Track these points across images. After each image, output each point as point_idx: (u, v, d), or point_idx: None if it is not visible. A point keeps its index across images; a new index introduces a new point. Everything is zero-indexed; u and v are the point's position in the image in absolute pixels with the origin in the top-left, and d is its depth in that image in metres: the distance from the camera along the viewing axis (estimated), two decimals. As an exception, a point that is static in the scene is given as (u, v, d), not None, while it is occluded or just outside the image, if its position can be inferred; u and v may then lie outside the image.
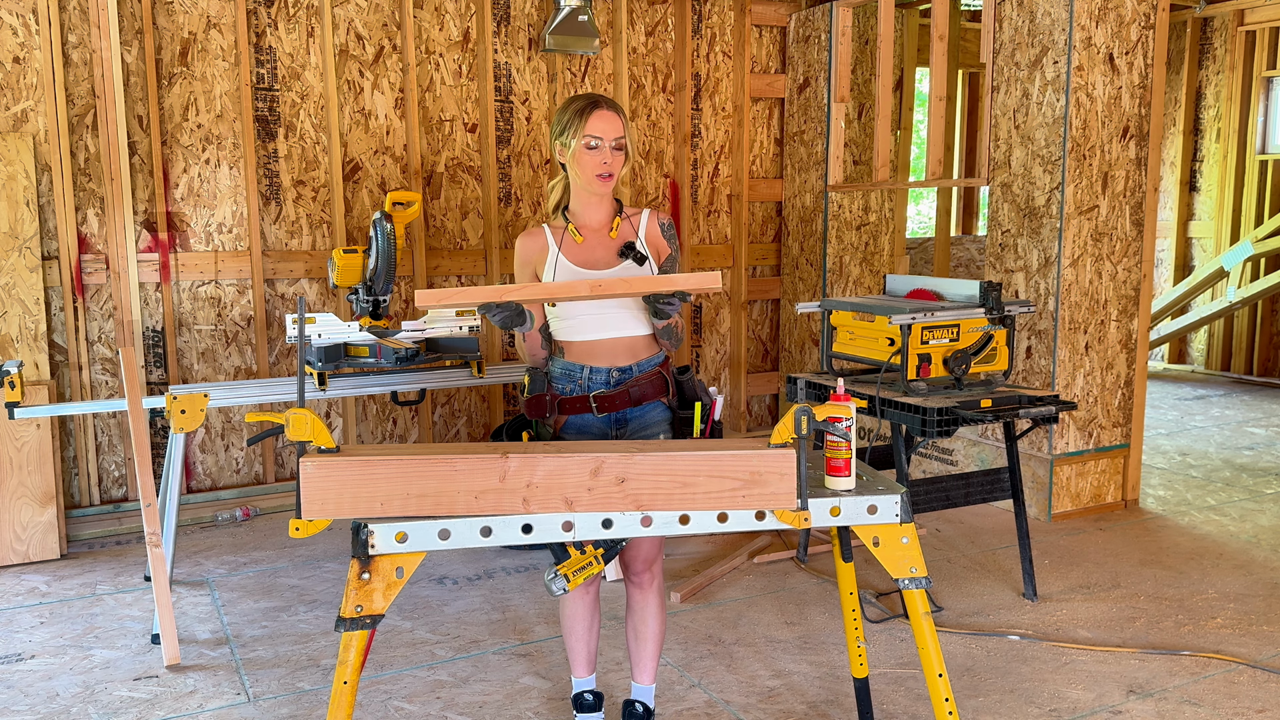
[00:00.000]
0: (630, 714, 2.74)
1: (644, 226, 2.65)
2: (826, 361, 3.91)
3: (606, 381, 2.56)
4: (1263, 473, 5.44)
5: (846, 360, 3.86)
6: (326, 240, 4.97)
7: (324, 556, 4.25)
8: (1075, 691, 3.04)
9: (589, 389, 2.56)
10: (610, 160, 2.51)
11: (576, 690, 2.78)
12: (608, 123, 2.50)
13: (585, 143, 2.49)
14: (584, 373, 2.56)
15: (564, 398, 2.56)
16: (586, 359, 2.57)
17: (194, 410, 3.51)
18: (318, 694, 3.05)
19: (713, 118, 5.85)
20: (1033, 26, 4.50)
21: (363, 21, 4.93)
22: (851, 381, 3.71)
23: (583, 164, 2.51)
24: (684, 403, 2.63)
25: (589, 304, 2.52)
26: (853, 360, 3.81)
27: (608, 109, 2.52)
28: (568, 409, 2.56)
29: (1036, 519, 4.60)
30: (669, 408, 2.64)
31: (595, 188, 2.53)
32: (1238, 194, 7.89)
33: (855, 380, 3.75)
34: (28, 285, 4.25)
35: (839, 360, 3.98)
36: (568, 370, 2.58)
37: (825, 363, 3.91)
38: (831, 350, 3.88)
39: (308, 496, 2.06)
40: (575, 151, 2.51)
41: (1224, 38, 7.85)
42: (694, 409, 2.60)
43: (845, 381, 3.47)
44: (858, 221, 5.74)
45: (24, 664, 3.26)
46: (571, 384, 2.57)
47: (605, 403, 2.55)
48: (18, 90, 4.34)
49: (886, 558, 2.29)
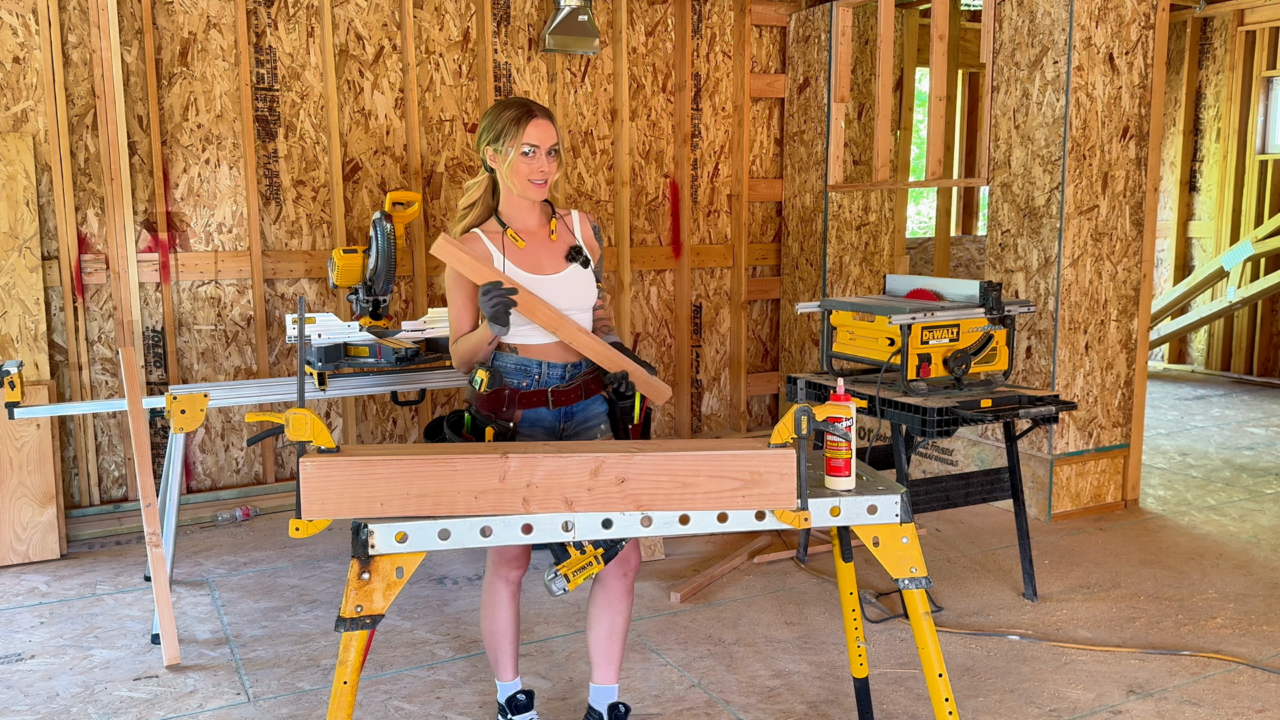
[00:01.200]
0: (615, 715, 2.73)
1: (578, 228, 2.78)
2: (826, 361, 3.91)
3: (561, 377, 2.64)
4: (1263, 473, 5.44)
5: (846, 360, 3.86)
6: (326, 240, 4.97)
7: (324, 556, 4.25)
8: (1075, 691, 3.04)
9: (545, 384, 2.63)
10: (546, 167, 2.59)
11: (509, 694, 2.78)
12: (543, 130, 2.57)
13: (521, 150, 2.56)
14: (541, 368, 2.63)
15: (522, 393, 2.62)
16: (542, 355, 2.64)
17: (194, 410, 3.51)
18: (318, 694, 3.05)
19: (713, 118, 5.85)
20: (1033, 26, 4.50)
21: (363, 21, 4.93)
22: (851, 381, 3.71)
23: (519, 171, 2.58)
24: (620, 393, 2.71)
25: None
26: (853, 360, 3.81)
27: (542, 117, 2.59)
28: (524, 403, 2.62)
29: (1036, 519, 4.60)
30: (607, 400, 2.73)
31: (531, 194, 2.62)
32: (1237, 194, 7.89)
33: (855, 380, 3.75)
34: (28, 285, 4.26)
35: (839, 360, 3.98)
36: (523, 366, 2.63)
37: (825, 363, 3.91)
38: (831, 350, 3.88)
39: (308, 496, 2.06)
40: (512, 160, 2.57)
41: (1224, 38, 7.85)
42: (632, 400, 2.70)
43: (845, 381, 3.47)
44: (858, 221, 5.74)
45: (24, 664, 3.26)
46: (529, 379, 2.63)
47: (560, 397, 2.63)
48: (18, 90, 4.34)
49: (886, 558, 2.29)
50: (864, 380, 3.74)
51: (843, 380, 2.83)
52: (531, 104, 2.60)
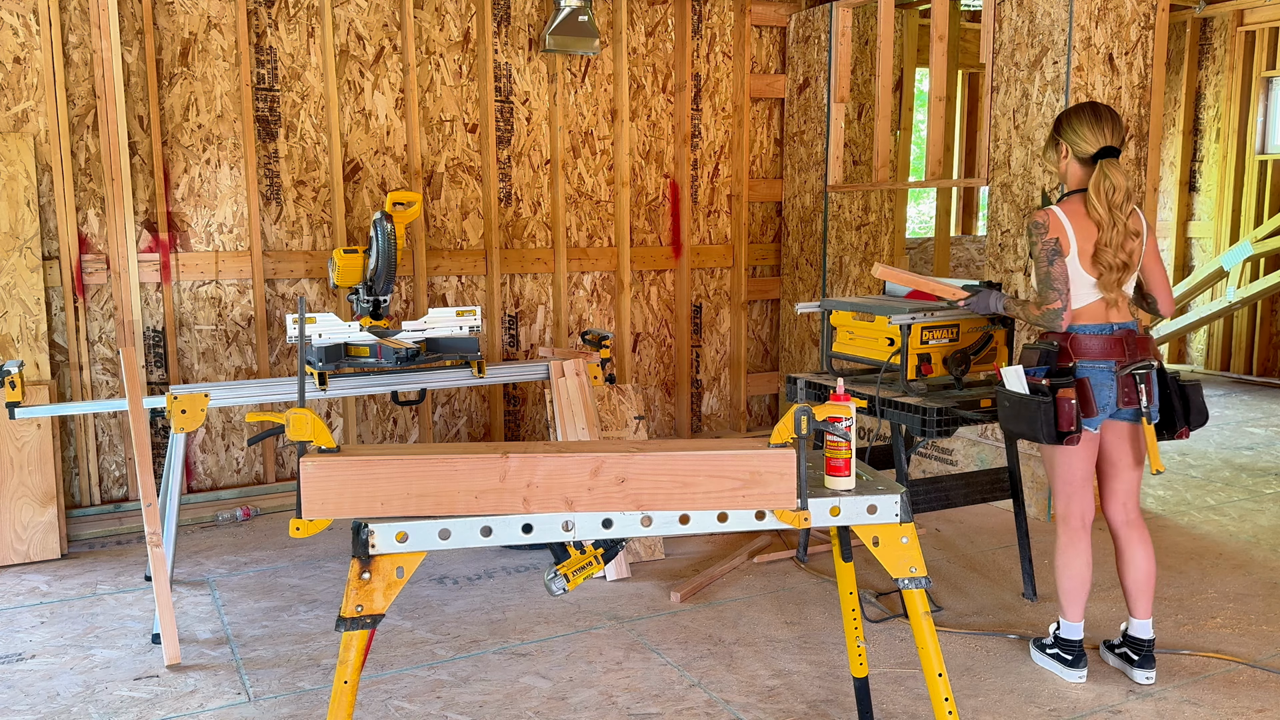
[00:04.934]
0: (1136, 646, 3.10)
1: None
2: (826, 361, 3.91)
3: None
4: (1262, 473, 5.44)
5: (846, 360, 3.87)
6: (327, 240, 4.97)
7: (324, 556, 4.25)
8: (1075, 691, 3.04)
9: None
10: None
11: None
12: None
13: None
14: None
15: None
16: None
17: (194, 410, 3.52)
18: (318, 693, 3.05)
19: (713, 118, 5.86)
20: (1032, 27, 4.50)
21: (363, 22, 4.94)
22: (851, 381, 3.71)
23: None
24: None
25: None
26: (853, 360, 3.82)
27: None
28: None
29: (1036, 519, 4.60)
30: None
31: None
32: (1237, 194, 7.89)
33: (855, 380, 3.75)
34: (28, 285, 4.26)
35: (839, 360, 3.98)
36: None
37: (825, 363, 3.92)
38: (831, 350, 3.88)
39: (308, 496, 2.06)
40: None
41: (1224, 38, 7.85)
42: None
43: (845, 381, 3.47)
44: (857, 221, 5.74)
45: (24, 664, 3.26)
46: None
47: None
48: (18, 90, 4.34)
49: (886, 557, 2.29)
50: (864, 380, 3.74)
51: (842, 380, 2.83)
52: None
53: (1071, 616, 3.11)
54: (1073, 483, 3.07)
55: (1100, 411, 2.94)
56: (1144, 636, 3.07)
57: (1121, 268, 2.93)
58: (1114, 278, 2.93)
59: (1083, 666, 3.10)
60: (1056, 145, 3.10)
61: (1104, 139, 2.97)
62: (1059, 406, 2.87)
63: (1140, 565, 3.07)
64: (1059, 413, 2.87)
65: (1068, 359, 2.95)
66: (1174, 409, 2.97)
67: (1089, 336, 2.95)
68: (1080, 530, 3.09)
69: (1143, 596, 3.07)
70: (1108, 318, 2.97)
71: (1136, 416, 2.95)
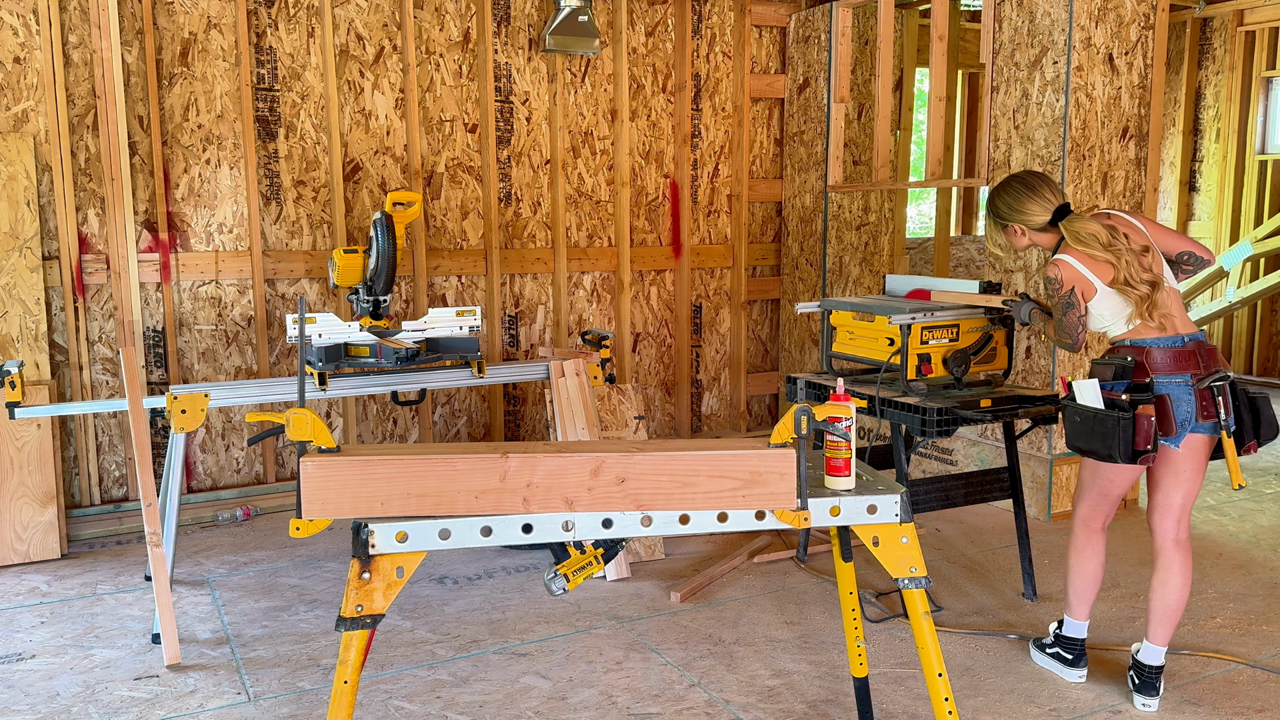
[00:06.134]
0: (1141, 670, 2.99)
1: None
2: (826, 361, 3.91)
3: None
4: (1262, 473, 5.44)
5: (846, 360, 3.87)
6: (327, 240, 4.97)
7: (324, 556, 4.25)
8: (1075, 691, 3.04)
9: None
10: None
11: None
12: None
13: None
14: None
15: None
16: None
17: (194, 410, 3.52)
18: (318, 693, 3.05)
19: (713, 118, 5.86)
20: (1032, 27, 4.50)
21: (363, 22, 4.94)
22: (851, 381, 3.71)
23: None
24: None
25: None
26: (853, 360, 3.82)
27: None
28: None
29: (1036, 519, 4.60)
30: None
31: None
32: (1237, 194, 7.89)
33: (855, 380, 3.75)
34: (28, 285, 4.26)
35: (839, 360, 3.98)
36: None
37: (825, 363, 3.92)
38: (831, 350, 3.88)
39: (308, 496, 2.06)
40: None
41: (1224, 38, 7.85)
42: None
43: (845, 381, 3.47)
44: (857, 221, 5.74)
45: (24, 663, 3.26)
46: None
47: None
48: (18, 90, 4.34)
49: (886, 557, 2.29)
50: (864, 380, 3.74)
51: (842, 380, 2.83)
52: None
53: (1078, 615, 3.10)
54: (1110, 495, 3.03)
55: (1180, 429, 2.84)
56: (1154, 663, 2.95)
57: (1150, 286, 2.86)
58: (1150, 297, 2.85)
59: (1083, 666, 3.10)
60: (1004, 228, 3.07)
61: (1050, 203, 2.97)
62: (1138, 424, 2.78)
63: (1176, 589, 2.93)
64: (1137, 430, 2.78)
65: (1144, 374, 2.85)
66: (1243, 422, 2.87)
67: (1163, 350, 2.85)
68: (1100, 533, 3.07)
69: (1168, 623, 2.94)
70: (1176, 329, 2.88)
71: (1215, 430, 2.86)
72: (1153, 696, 2.94)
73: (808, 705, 2.97)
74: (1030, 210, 2.99)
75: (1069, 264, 2.91)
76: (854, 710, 2.91)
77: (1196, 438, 2.90)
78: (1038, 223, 2.99)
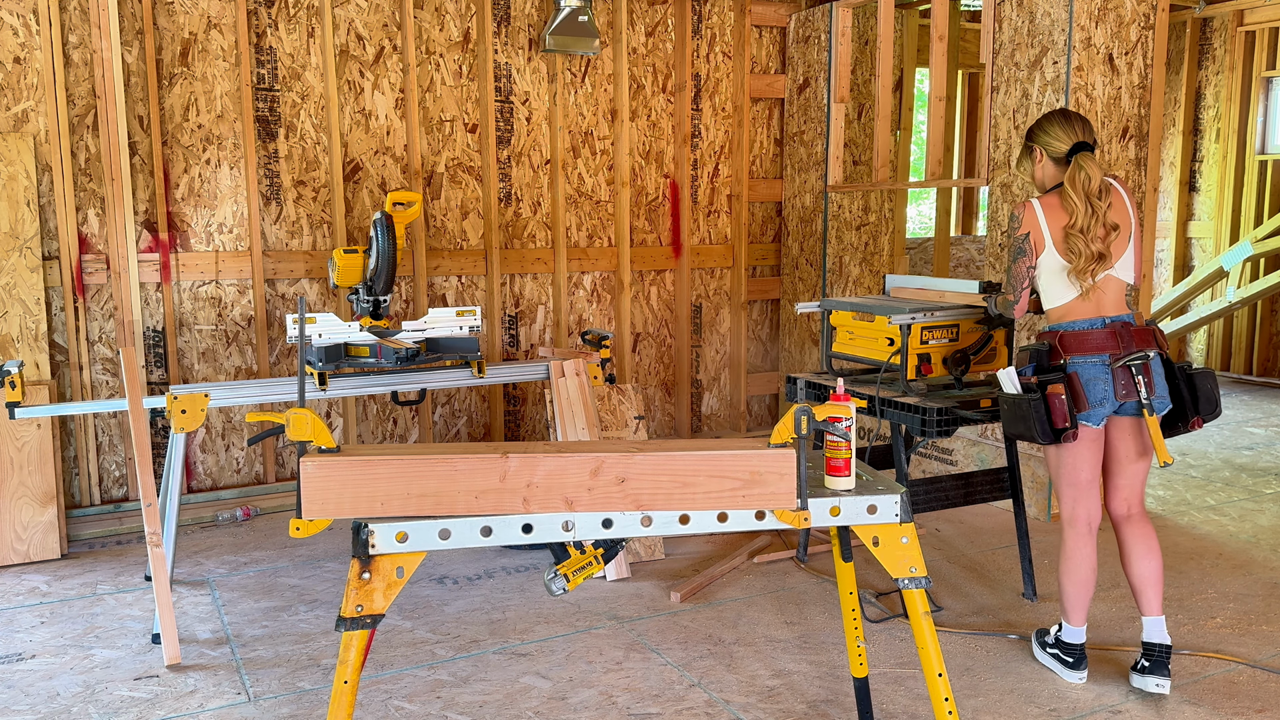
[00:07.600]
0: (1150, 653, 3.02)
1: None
2: (826, 361, 3.91)
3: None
4: (1262, 473, 5.44)
5: (846, 360, 3.87)
6: (327, 240, 4.97)
7: (324, 556, 4.25)
8: (1075, 691, 3.04)
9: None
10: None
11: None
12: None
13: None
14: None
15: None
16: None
17: (194, 410, 3.52)
18: (318, 693, 3.05)
19: (713, 118, 5.86)
20: (1032, 27, 4.50)
21: (363, 22, 4.94)
22: (851, 381, 3.71)
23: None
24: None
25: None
26: (853, 360, 3.82)
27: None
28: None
29: (1036, 519, 4.60)
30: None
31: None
32: (1237, 194, 7.89)
33: (855, 380, 3.75)
34: (28, 285, 4.26)
35: (839, 360, 3.98)
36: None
37: (825, 363, 3.92)
38: (831, 350, 3.88)
39: (308, 496, 2.06)
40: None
41: (1224, 38, 7.85)
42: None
43: (845, 381, 3.47)
44: (857, 221, 5.74)
45: (24, 663, 3.26)
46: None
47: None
48: (18, 90, 4.34)
49: (886, 557, 2.29)
50: (864, 380, 3.74)
51: (842, 380, 2.83)
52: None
53: (1075, 621, 3.10)
54: (1078, 484, 3.05)
55: (1099, 406, 2.92)
56: (1158, 640, 2.99)
57: (1096, 258, 2.91)
58: (1086, 266, 2.91)
59: (1083, 668, 3.10)
60: (1030, 151, 3.13)
61: (1076, 136, 3.00)
62: (1050, 403, 2.87)
63: (1142, 556, 3.03)
64: (1051, 409, 2.87)
65: (1058, 356, 2.94)
66: (1183, 399, 2.94)
67: (1078, 333, 2.94)
68: (1086, 534, 3.07)
69: (1150, 589, 3.02)
70: (1100, 311, 2.96)
71: (1139, 410, 2.92)
72: (1165, 677, 2.96)
73: (808, 705, 2.97)
74: (1054, 134, 3.03)
75: (1033, 208, 3.00)
76: (854, 710, 2.91)
77: (1124, 419, 3.00)
78: (1056, 149, 3.02)
